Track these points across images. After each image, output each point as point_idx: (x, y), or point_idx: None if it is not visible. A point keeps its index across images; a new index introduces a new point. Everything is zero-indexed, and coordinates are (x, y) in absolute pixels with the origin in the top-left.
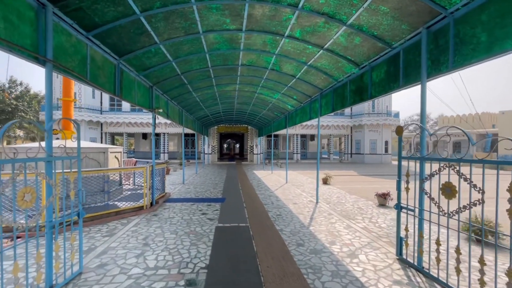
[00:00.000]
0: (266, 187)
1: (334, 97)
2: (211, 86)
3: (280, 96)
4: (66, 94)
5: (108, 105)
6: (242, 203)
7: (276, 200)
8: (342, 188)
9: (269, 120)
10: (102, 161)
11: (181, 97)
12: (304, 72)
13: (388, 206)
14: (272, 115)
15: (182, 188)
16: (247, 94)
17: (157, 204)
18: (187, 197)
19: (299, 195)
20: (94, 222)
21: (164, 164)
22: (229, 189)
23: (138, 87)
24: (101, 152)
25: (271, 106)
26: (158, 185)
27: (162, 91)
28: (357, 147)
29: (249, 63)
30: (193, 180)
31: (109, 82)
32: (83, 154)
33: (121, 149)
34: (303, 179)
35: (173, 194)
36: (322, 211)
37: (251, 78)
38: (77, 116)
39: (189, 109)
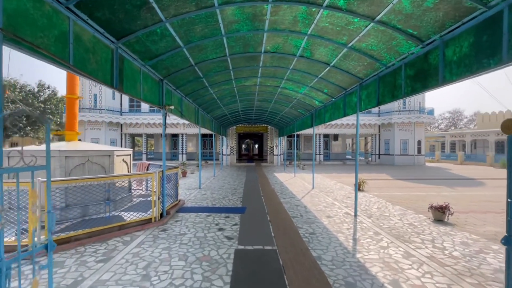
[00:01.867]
0: (291, 194)
1: (380, 87)
2: (229, 81)
3: (307, 91)
4: (71, 91)
5: (128, 106)
6: (265, 215)
7: (305, 211)
8: (380, 196)
9: (291, 119)
10: (107, 166)
11: (197, 93)
12: (342, 57)
13: (449, 223)
14: (296, 113)
15: (198, 194)
16: (268, 89)
17: (168, 216)
18: (203, 206)
19: (331, 204)
20: (93, 239)
21: (177, 168)
22: (249, 196)
23: (145, 79)
24: (106, 155)
25: (296, 103)
26: (171, 192)
27: (175, 85)
28: (386, 147)
29: (274, 49)
30: (210, 184)
31: (104, 70)
32: (85, 158)
33: (130, 152)
34: (330, 183)
35: (188, 202)
36: (365, 229)
37: (274, 69)
38: (98, 117)
39: (205, 108)
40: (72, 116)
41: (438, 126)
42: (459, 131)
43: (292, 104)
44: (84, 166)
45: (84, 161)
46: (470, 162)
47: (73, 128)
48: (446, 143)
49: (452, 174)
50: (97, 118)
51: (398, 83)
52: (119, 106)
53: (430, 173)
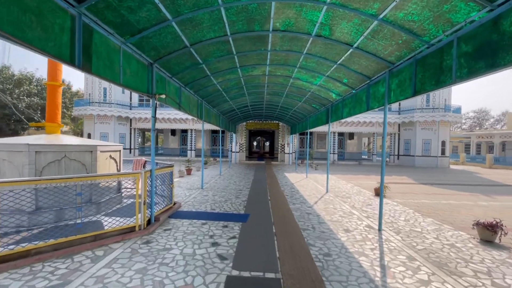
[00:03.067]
0: (302, 198)
1: (418, 72)
2: (234, 70)
3: (323, 81)
4: (52, 77)
5: (137, 101)
6: (271, 225)
7: (318, 222)
8: (406, 204)
9: (304, 115)
10: (88, 163)
11: (198, 84)
12: (370, 34)
13: (502, 246)
14: (309, 109)
15: (198, 195)
16: (279, 80)
17: (157, 222)
18: (200, 211)
19: (348, 214)
20: (58, 253)
21: (170, 167)
22: (255, 200)
23: (128, 61)
24: (87, 151)
25: (309, 97)
26: (164, 194)
27: (170, 72)
28: (406, 147)
29: (285, 26)
30: (214, 184)
31: (57, 41)
32: (60, 154)
33: (120, 147)
34: (346, 187)
35: (185, 205)
36: (394, 251)
37: (285, 55)
38: (107, 111)
39: (210, 101)
40: (53, 106)
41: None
42: (487, 131)
43: (305, 98)
44: (60, 163)
45: (60, 157)
46: (500, 166)
47: (55, 119)
48: (472, 144)
49: (483, 179)
50: (106, 112)
51: (446, 64)
52: (129, 100)
53: (457, 177)
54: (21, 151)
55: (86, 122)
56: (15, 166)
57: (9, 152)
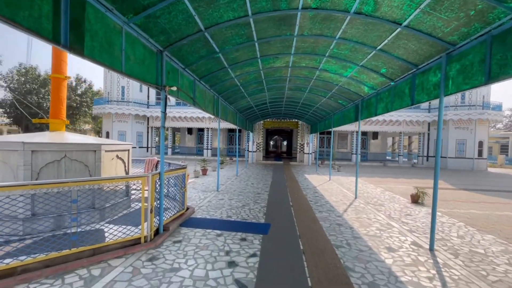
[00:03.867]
0: (328, 205)
1: (495, 52)
2: (254, 61)
3: (356, 72)
4: (56, 69)
5: (155, 99)
6: (296, 240)
7: (352, 236)
8: (452, 215)
9: (327, 113)
10: (91, 164)
11: (214, 77)
12: (430, 6)
13: None
14: (334, 105)
15: (213, 199)
16: (303, 72)
17: (165, 233)
18: (215, 218)
19: (387, 226)
20: (50, 270)
21: (183, 169)
22: (275, 205)
23: (132, 45)
24: (90, 150)
25: (336, 91)
26: (176, 198)
27: (183, 63)
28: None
29: (317, 2)
30: (231, 186)
31: (33, 9)
32: (60, 153)
33: (129, 146)
34: (376, 192)
35: (199, 210)
36: (459, 281)
37: (314, 40)
38: (125, 110)
39: (227, 97)
40: (58, 101)
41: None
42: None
43: (331, 93)
44: (60, 164)
45: (60, 157)
46: None
47: (59, 115)
48: (511, 145)
49: None
50: (124, 111)
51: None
52: (146, 99)
53: (501, 181)
54: (15, 150)
55: (105, 120)
56: (10, 167)
57: (3, 151)
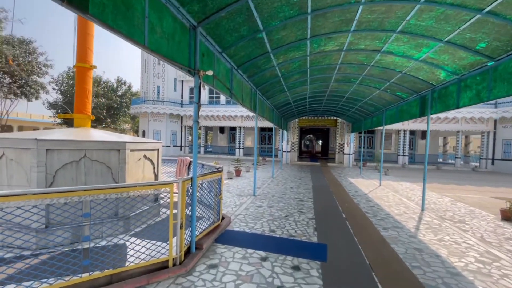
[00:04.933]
0: (391, 220)
1: None
2: (302, 43)
3: (434, 53)
4: (81, 58)
5: (188, 98)
6: (369, 273)
7: (446, 271)
8: None
9: (377, 108)
10: (114, 165)
11: (253, 65)
12: None
13: None
14: (389, 99)
15: (251, 206)
16: (359, 57)
17: (198, 252)
18: (256, 232)
19: (491, 258)
20: None
21: (219, 172)
22: (325, 217)
23: (158, 15)
24: (113, 149)
25: (396, 81)
26: (210, 206)
27: (220, 44)
28: (506, 150)
29: None
30: (268, 190)
31: None
32: (79, 152)
33: (158, 145)
34: (444, 202)
35: (236, 220)
36: None
37: (387, 8)
38: (160, 109)
39: (265, 90)
40: (82, 93)
41: None
42: None
43: (388, 84)
44: (79, 165)
45: (79, 157)
46: None
47: (84, 109)
48: None
49: None
50: (159, 110)
51: None
52: (180, 98)
53: None
54: (28, 149)
55: (142, 120)
56: (23, 168)
57: (16, 149)
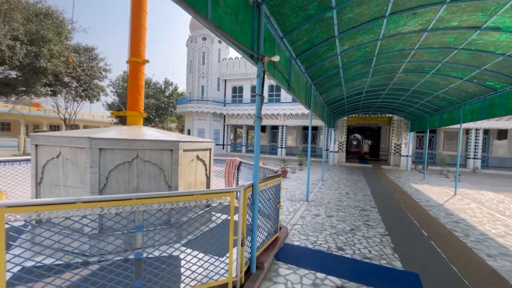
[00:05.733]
0: (493, 242)
1: None
2: (376, 23)
3: None
4: (134, 53)
5: (231, 97)
6: None
7: None
8: None
9: (451, 103)
10: (167, 167)
11: (314, 53)
12: None
13: None
14: (472, 90)
15: (307, 214)
16: (446, 39)
17: (260, 273)
18: (321, 249)
19: None
20: None
21: (277, 178)
22: (401, 233)
23: None
24: (166, 149)
25: (491, 67)
26: (268, 216)
27: (282, 28)
28: None
29: None
30: (321, 195)
31: None
32: (132, 152)
33: (211, 145)
34: None
35: (293, 231)
36: None
37: None
38: (204, 108)
39: (319, 84)
40: (135, 89)
41: None
42: None
43: (478, 72)
44: (131, 166)
45: (131, 157)
46: None
47: (136, 106)
48: None
49: None
50: (203, 109)
51: None
52: (223, 97)
53: None
54: (82, 148)
55: (187, 119)
56: (78, 169)
57: (71, 148)
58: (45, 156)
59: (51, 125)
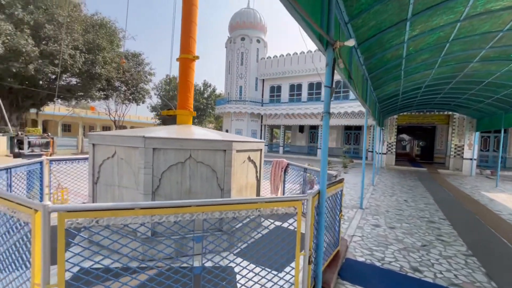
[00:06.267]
0: None
1: None
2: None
3: None
4: (185, 49)
5: (268, 97)
6: None
7: None
8: None
9: None
10: (220, 169)
11: (377, 41)
12: None
13: None
14: None
15: (364, 224)
16: None
17: None
18: (393, 270)
19: None
20: None
21: (339, 183)
22: (488, 251)
23: None
24: (219, 149)
25: None
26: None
27: (349, 10)
28: None
29: None
30: (375, 202)
31: None
32: (185, 152)
33: (261, 145)
34: None
35: (354, 244)
36: None
37: None
38: (242, 108)
39: (376, 78)
40: (185, 87)
41: None
42: None
43: None
44: (184, 167)
45: (184, 158)
46: None
47: (186, 104)
48: None
49: None
50: (241, 109)
51: None
52: (261, 97)
53: None
54: (136, 147)
55: (225, 119)
56: (132, 169)
57: (126, 148)
58: (102, 155)
59: (103, 126)
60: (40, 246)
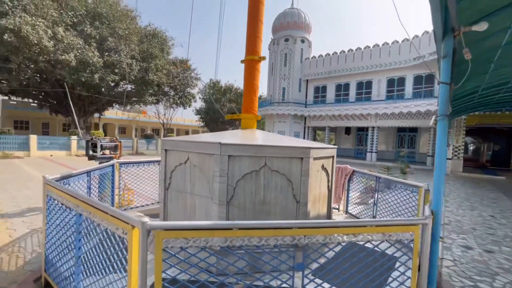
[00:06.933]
0: None
1: None
2: None
3: None
4: (251, 50)
5: (312, 98)
6: None
7: None
8: None
9: None
10: (296, 178)
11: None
12: None
13: None
14: None
15: (450, 243)
16: None
17: None
18: None
19: None
20: None
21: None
22: None
23: None
24: (295, 157)
25: None
26: None
27: None
28: None
29: None
30: (453, 216)
31: None
32: (260, 160)
33: (334, 151)
34: None
35: (444, 268)
36: None
37: None
38: (285, 110)
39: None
40: (251, 90)
41: None
42: None
43: None
44: (258, 176)
45: (259, 166)
46: None
47: (251, 108)
48: None
49: None
50: (284, 111)
51: None
52: (304, 98)
53: None
54: (211, 154)
55: (267, 121)
56: (205, 176)
57: (199, 154)
58: (174, 161)
59: (153, 129)
60: (138, 261)
